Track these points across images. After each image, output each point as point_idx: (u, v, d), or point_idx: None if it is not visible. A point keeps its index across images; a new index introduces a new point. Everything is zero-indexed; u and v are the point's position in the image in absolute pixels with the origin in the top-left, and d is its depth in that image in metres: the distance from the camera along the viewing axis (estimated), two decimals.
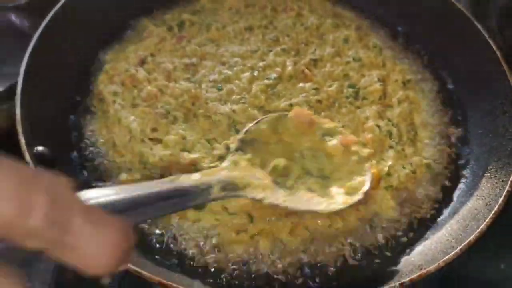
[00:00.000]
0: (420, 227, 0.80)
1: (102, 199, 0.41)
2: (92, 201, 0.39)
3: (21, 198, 0.27)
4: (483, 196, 0.78)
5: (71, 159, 0.82)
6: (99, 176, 0.80)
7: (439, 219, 0.81)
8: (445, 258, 0.65)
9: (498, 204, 0.71)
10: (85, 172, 0.80)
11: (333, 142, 0.77)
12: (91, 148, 0.83)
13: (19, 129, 0.71)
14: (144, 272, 0.60)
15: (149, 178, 0.77)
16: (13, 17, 1.07)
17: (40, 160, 0.71)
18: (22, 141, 0.69)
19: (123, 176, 0.77)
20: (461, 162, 0.88)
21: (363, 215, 0.77)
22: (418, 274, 0.64)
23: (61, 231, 0.28)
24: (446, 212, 0.81)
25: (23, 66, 0.78)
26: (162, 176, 0.76)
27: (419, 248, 0.76)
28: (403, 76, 0.97)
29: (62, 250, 0.29)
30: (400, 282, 0.63)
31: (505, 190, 0.73)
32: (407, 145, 0.87)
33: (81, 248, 0.29)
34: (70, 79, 0.89)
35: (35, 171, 0.28)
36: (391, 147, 0.85)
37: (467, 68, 0.95)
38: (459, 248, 0.67)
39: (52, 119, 0.81)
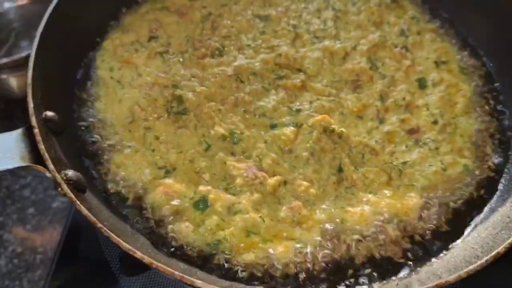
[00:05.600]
0: (446, 232, 0.73)
1: None
2: None
3: None
4: None
5: (77, 125, 0.81)
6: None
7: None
8: (467, 269, 0.59)
9: None
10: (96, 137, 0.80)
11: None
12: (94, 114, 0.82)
13: (29, 92, 0.69)
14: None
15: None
16: None
17: (49, 125, 0.69)
18: (30, 104, 0.67)
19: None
20: (496, 165, 0.80)
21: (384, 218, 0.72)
22: (435, 283, 0.58)
23: None
24: (476, 217, 0.74)
25: (39, 29, 0.76)
26: None
27: (441, 255, 0.70)
28: (437, 56, 0.90)
29: None
30: None
31: None
32: (446, 141, 0.80)
33: None
34: (81, 48, 0.88)
35: None
36: (425, 143, 0.80)
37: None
38: (485, 258, 0.60)
39: (62, 85, 0.80)
